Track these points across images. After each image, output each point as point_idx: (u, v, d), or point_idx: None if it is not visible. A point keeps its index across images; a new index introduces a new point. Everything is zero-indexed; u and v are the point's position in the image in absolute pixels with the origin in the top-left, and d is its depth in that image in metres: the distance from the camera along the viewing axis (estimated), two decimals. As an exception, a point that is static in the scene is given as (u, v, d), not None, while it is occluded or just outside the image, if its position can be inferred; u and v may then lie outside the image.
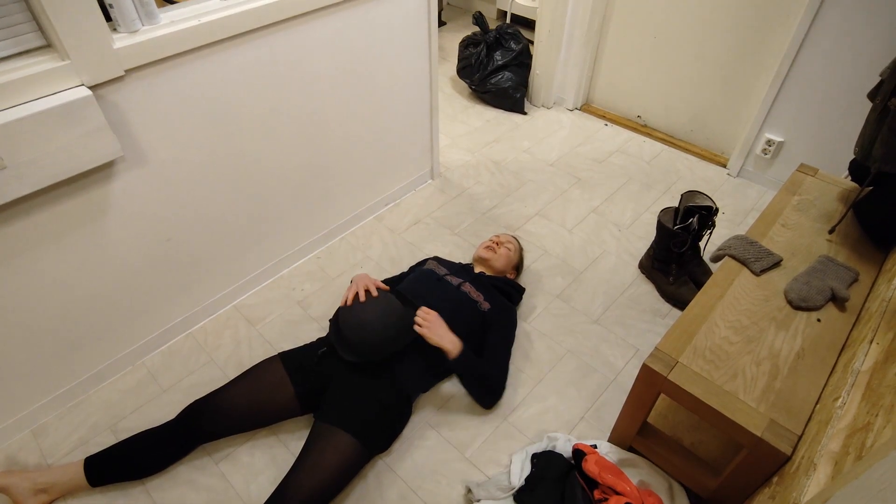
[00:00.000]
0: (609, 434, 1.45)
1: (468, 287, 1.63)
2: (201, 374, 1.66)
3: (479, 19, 2.83)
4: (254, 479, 1.42)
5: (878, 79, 1.33)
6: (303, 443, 1.41)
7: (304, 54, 1.60)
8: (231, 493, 1.39)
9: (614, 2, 2.53)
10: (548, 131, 2.76)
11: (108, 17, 1.20)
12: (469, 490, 1.37)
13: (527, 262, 2.03)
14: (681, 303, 1.84)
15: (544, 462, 1.35)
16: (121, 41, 1.22)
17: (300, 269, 2.01)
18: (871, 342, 1.02)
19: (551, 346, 1.73)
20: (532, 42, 2.84)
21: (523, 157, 2.57)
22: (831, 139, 2.11)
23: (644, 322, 1.81)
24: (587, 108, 2.92)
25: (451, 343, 1.44)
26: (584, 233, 2.15)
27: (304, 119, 1.72)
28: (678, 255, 1.83)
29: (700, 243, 1.87)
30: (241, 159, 1.62)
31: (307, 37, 1.58)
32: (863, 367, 0.97)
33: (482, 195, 2.35)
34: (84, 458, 1.37)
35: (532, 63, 2.86)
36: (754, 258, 1.37)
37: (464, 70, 2.92)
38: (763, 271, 1.35)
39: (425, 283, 1.64)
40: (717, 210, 1.74)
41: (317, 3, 1.53)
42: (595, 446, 1.40)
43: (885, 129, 1.24)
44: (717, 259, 1.45)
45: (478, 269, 1.78)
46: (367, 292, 1.51)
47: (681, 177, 2.44)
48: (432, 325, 1.44)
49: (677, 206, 1.83)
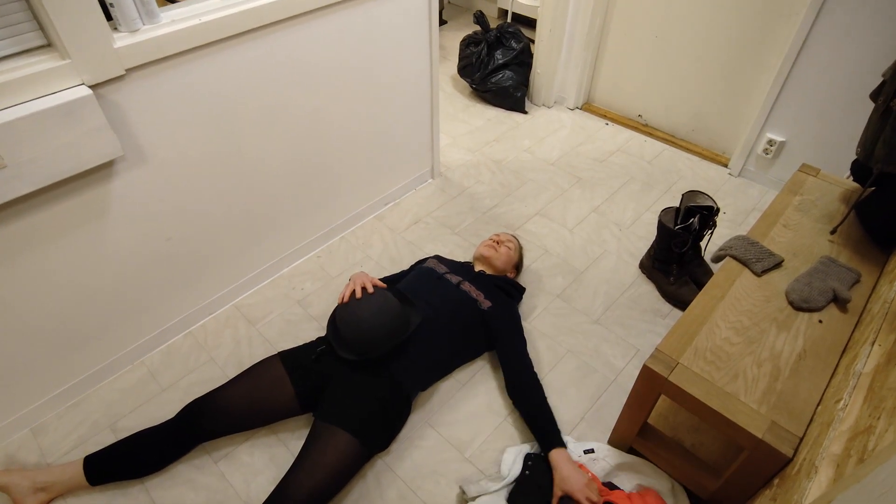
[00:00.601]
0: (609, 435, 1.45)
1: (468, 286, 1.63)
2: (201, 373, 1.66)
3: (479, 18, 2.83)
4: (253, 479, 1.42)
5: (881, 79, 1.33)
6: (302, 442, 1.42)
7: (304, 53, 1.60)
8: (230, 493, 1.39)
9: (616, 1, 2.53)
10: (548, 130, 2.75)
11: (108, 17, 1.20)
12: (463, 491, 1.37)
13: (527, 261, 2.02)
14: (681, 303, 1.84)
15: (542, 467, 1.35)
16: (121, 40, 1.22)
17: (300, 268, 2.01)
18: (872, 344, 1.02)
19: (551, 346, 1.73)
20: (533, 41, 2.83)
21: (524, 157, 2.56)
22: (833, 139, 2.11)
23: (645, 322, 1.81)
24: (588, 107, 2.92)
25: (579, 474, 1.30)
26: (584, 232, 2.15)
27: (305, 118, 1.72)
28: (679, 256, 1.82)
29: (701, 243, 1.86)
30: (241, 158, 1.62)
31: (308, 36, 1.58)
32: (865, 369, 0.97)
33: (483, 194, 2.34)
34: (83, 456, 1.37)
35: (533, 62, 2.85)
36: (755, 258, 1.36)
37: (464, 69, 2.92)
38: (764, 272, 1.34)
39: (425, 281, 1.64)
40: (718, 210, 1.74)
41: (317, 2, 1.52)
42: (592, 450, 1.39)
43: (887, 129, 1.24)
44: (718, 259, 1.45)
45: (478, 268, 1.78)
46: (364, 289, 1.51)
47: (682, 176, 2.44)
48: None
49: (678, 205, 1.82)
